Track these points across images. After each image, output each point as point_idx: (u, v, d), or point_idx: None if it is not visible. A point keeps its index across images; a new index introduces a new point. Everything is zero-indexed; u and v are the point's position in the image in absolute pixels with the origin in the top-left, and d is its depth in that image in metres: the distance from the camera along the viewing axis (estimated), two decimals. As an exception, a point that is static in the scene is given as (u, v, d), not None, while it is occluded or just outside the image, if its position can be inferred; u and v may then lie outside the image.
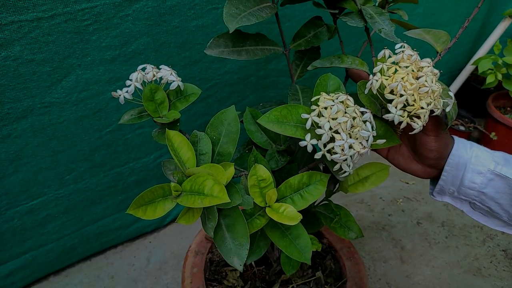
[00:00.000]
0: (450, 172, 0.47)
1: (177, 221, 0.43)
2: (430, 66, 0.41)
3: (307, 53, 0.59)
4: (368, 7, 0.51)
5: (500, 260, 1.04)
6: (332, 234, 0.82)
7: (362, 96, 0.43)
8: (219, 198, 0.39)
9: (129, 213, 0.40)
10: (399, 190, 1.27)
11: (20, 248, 0.84)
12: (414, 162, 0.49)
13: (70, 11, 0.64)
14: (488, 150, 0.47)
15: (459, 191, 0.47)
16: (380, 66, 0.41)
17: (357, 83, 0.44)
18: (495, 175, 0.44)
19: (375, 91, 0.41)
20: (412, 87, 0.38)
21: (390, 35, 0.48)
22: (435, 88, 0.38)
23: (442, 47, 0.49)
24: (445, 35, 0.51)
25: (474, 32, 1.52)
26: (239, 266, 0.42)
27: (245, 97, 0.98)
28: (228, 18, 0.45)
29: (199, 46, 0.82)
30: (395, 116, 0.40)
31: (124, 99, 0.47)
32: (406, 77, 0.39)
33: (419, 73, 0.39)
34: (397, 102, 0.39)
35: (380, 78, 0.40)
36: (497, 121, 1.36)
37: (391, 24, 0.49)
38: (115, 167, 0.88)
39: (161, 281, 0.95)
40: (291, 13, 0.90)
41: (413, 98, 0.39)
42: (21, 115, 0.69)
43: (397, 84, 0.39)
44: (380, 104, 0.44)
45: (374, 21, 0.50)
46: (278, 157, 0.52)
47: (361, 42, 0.97)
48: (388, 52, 0.43)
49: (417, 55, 0.41)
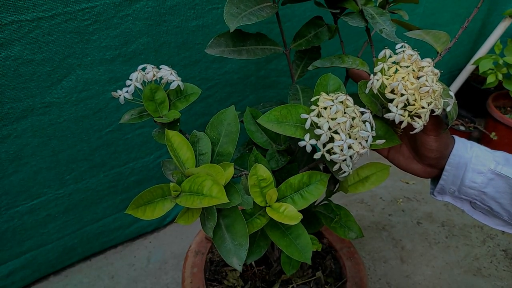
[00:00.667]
0: (450, 171, 0.47)
1: (176, 221, 0.43)
2: (430, 66, 0.40)
3: (308, 53, 0.59)
4: (369, 8, 0.51)
5: (500, 260, 1.04)
6: (332, 234, 0.82)
7: (363, 96, 0.43)
8: (217, 198, 0.39)
9: (129, 213, 0.40)
10: (399, 190, 1.27)
11: (20, 248, 0.84)
12: (415, 162, 0.49)
13: (70, 11, 0.64)
14: (489, 150, 0.47)
15: (460, 190, 0.47)
16: (381, 65, 0.41)
17: (358, 83, 0.44)
18: (496, 174, 0.44)
19: (376, 90, 0.41)
20: (413, 87, 0.38)
21: (391, 36, 0.48)
22: (436, 88, 0.38)
23: (442, 48, 0.49)
24: (445, 35, 0.51)
25: (474, 32, 1.52)
26: (238, 266, 0.42)
27: (245, 97, 0.98)
28: (228, 17, 0.45)
29: (199, 46, 0.82)
30: (395, 115, 0.39)
31: (124, 99, 0.47)
32: (406, 77, 0.39)
33: (419, 73, 0.39)
34: (398, 102, 0.39)
35: (381, 78, 0.40)
36: (497, 121, 1.35)
37: (392, 25, 0.49)
38: (115, 167, 0.88)
39: (161, 281, 0.95)
40: (291, 13, 0.90)
41: (414, 98, 0.39)
42: (21, 115, 0.69)
43: (398, 83, 0.39)
44: (381, 104, 0.44)
45: (375, 21, 0.50)
46: (278, 157, 0.52)
47: (361, 42, 0.97)
48: (389, 52, 0.42)
49: (418, 55, 0.41)
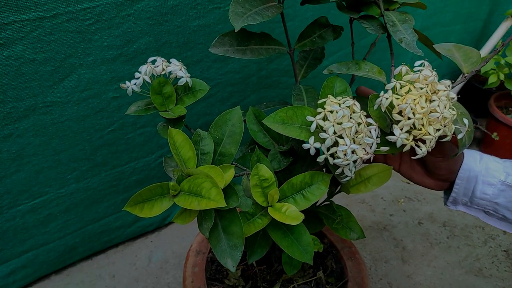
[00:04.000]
0: (461, 185, 0.47)
1: (173, 221, 0.43)
2: (446, 90, 0.39)
3: (311, 53, 0.59)
4: (392, 13, 0.48)
5: (502, 261, 1.04)
6: (333, 234, 0.82)
7: (372, 110, 0.42)
8: (215, 201, 0.39)
9: (130, 212, 0.40)
10: (400, 190, 1.27)
11: (22, 247, 0.84)
12: (426, 177, 0.49)
13: (72, 10, 0.64)
14: (499, 160, 0.47)
15: (472, 201, 0.48)
16: (393, 83, 0.40)
17: (369, 96, 0.42)
18: (506, 185, 0.44)
19: (384, 109, 0.39)
20: (422, 111, 0.37)
21: (411, 46, 0.45)
22: (447, 115, 0.37)
23: (470, 69, 0.45)
24: (476, 54, 0.46)
25: (476, 32, 1.52)
26: (232, 267, 0.42)
27: (246, 97, 0.98)
28: (234, 17, 0.45)
29: (201, 46, 0.82)
30: (397, 140, 0.39)
31: (132, 91, 0.47)
32: (418, 99, 0.37)
33: (433, 96, 0.38)
34: (403, 125, 0.38)
35: (391, 97, 0.39)
36: (499, 122, 1.35)
37: (414, 34, 0.45)
38: (116, 167, 0.88)
39: (162, 280, 0.95)
40: (293, 13, 0.90)
41: (422, 122, 0.37)
42: (23, 114, 0.69)
43: (406, 106, 0.37)
44: (391, 120, 0.42)
45: (396, 29, 0.46)
46: (280, 158, 0.52)
47: (363, 42, 0.96)
48: (406, 69, 0.41)
49: (436, 76, 0.39)
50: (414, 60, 0.43)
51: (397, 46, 0.48)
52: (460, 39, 1.47)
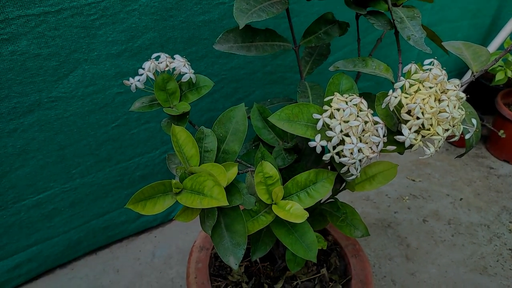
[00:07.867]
0: None
1: (175, 219, 0.43)
2: (456, 90, 0.38)
3: (317, 49, 0.59)
4: (399, 9, 0.47)
5: (507, 259, 1.03)
6: (337, 231, 0.81)
7: (379, 109, 0.41)
8: (217, 200, 0.39)
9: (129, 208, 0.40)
10: (405, 187, 1.26)
11: (27, 241, 0.85)
12: None
13: (76, 5, 0.63)
14: None
15: None
16: (402, 82, 0.39)
17: (376, 94, 0.42)
18: None
19: (392, 108, 0.39)
20: (431, 111, 0.36)
21: (419, 44, 0.44)
22: (456, 115, 0.37)
23: (479, 67, 0.44)
24: (486, 53, 0.45)
25: (484, 28, 1.50)
26: (235, 265, 0.42)
27: (251, 93, 0.98)
28: (238, 13, 0.44)
29: (206, 41, 0.81)
30: (406, 140, 0.38)
31: (136, 88, 0.47)
32: (427, 99, 0.37)
33: (442, 96, 0.37)
34: (412, 124, 0.37)
35: (400, 96, 0.38)
36: (506, 119, 1.34)
37: (422, 31, 0.44)
38: (121, 162, 0.88)
39: (166, 276, 0.96)
40: (299, 8, 0.89)
41: (430, 122, 0.37)
42: (27, 109, 0.69)
43: (415, 106, 0.37)
44: (398, 118, 0.42)
45: (404, 26, 0.45)
46: (285, 155, 0.52)
47: (368, 38, 0.96)
48: (415, 67, 0.40)
49: (445, 75, 0.39)
50: (420, 56, 0.42)
51: (403, 42, 0.47)
52: (468, 35, 1.46)
